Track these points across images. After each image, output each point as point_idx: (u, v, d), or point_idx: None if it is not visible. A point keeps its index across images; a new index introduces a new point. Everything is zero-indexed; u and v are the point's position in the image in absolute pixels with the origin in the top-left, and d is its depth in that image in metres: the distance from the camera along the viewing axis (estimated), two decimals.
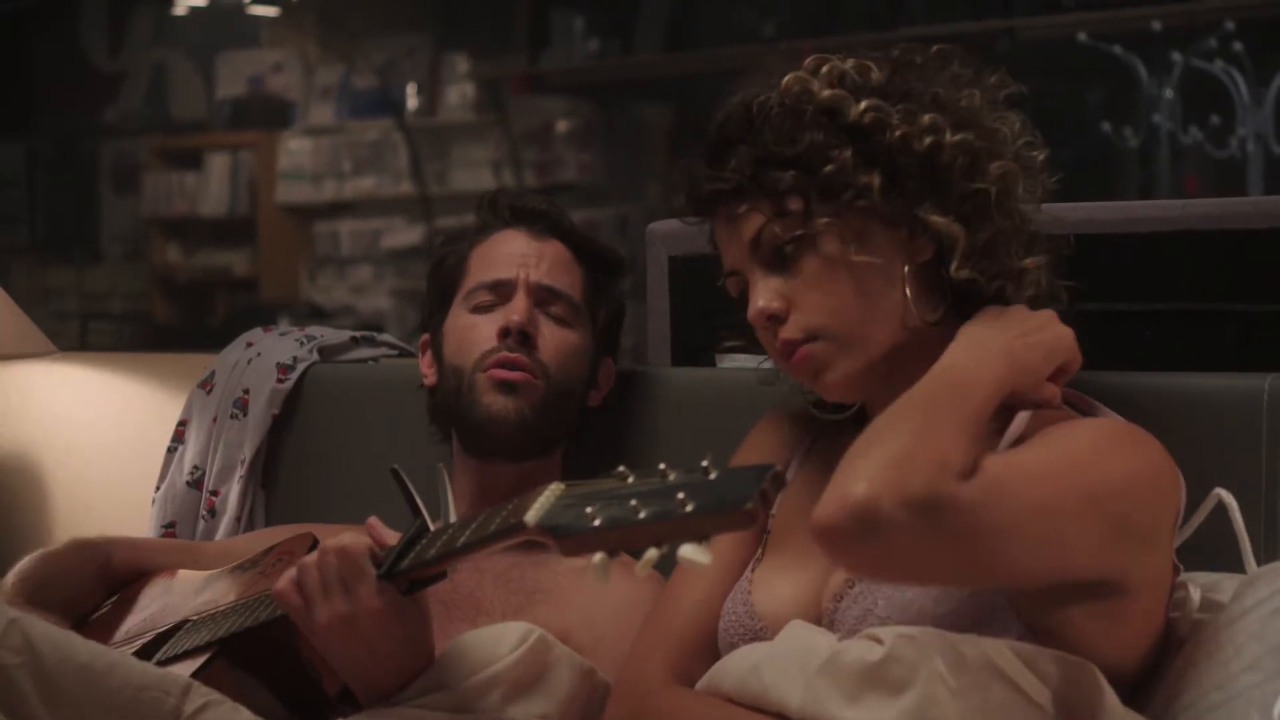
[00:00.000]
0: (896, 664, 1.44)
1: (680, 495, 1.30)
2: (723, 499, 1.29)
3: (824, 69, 1.62)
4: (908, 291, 1.59)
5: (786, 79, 1.61)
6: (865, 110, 1.58)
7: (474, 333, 2.01)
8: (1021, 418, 1.57)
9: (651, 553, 1.30)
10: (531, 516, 1.39)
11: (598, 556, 1.32)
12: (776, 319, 1.60)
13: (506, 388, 1.98)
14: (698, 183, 1.65)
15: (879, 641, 1.45)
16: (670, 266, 2.24)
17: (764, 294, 1.60)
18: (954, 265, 1.58)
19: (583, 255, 2.07)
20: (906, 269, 1.59)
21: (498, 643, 1.69)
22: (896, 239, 1.59)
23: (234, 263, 6.81)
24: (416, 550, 1.63)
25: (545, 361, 2.00)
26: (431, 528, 1.65)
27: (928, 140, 1.58)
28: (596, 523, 1.33)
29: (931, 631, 1.46)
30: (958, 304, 1.61)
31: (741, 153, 1.60)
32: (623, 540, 1.32)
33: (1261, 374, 1.72)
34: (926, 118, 1.58)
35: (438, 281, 2.10)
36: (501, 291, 2.03)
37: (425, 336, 2.12)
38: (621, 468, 1.37)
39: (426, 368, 2.10)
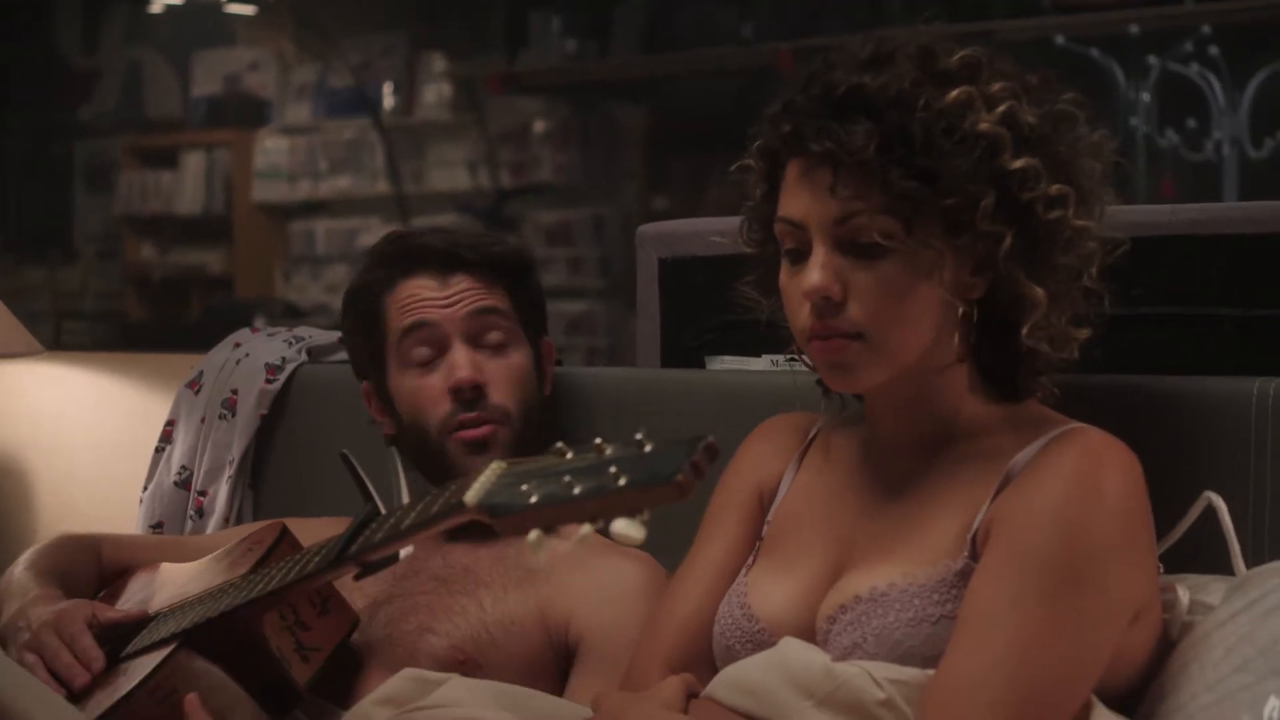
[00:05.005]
0: (892, 711, 1.50)
1: (613, 470, 1.31)
2: (655, 473, 1.29)
3: (996, 103, 1.55)
4: (957, 327, 1.58)
5: (956, 93, 1.53)
6: (1021, 164, 1.53)
7: (422, 394, 2.02)
8: (1033, 447, 1.58)
9: (586, 528, 1.31)
10: (471, 496, 1.41)
11: (533, 533, 1.33)
12: (828, 301, 1.56)
13: (476, 446, 2.00)
14: (805, 130, 1.56)
15: (879, 685, 1.50)
16: (660, 269, 2.24)
17: (828, 274, 1.55)
18: (1025, 329, 1.57)
19: (495, 273, 2.07)
20: (961, 310, 1.58)
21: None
22: (964, 274, 1.58)
23: (209, 261, 6.79)
24: (365, 534, 1.65)
25: (501, 404, 2.02)
26: (382, 512, 1.67)
27: (1054, 213, 1.55)
28: (533, 500, 1.34)
29: (925, 677, 1.50)
30: (977, 344, 1.61)
31: (867, 129, 1.53)
32: (558, 516, 1.33)
33: (1249, 378, 1.74)
34: (1056, 188, 1.55)
35: (361, 334, 2.10)
36: (427, 335, 2.02)
37: (366, 385, 2.12)
38: (559, 444, 1.39)
39: (379, 416, 2.11)
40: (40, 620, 1.84)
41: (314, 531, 1.95)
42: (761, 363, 2.13)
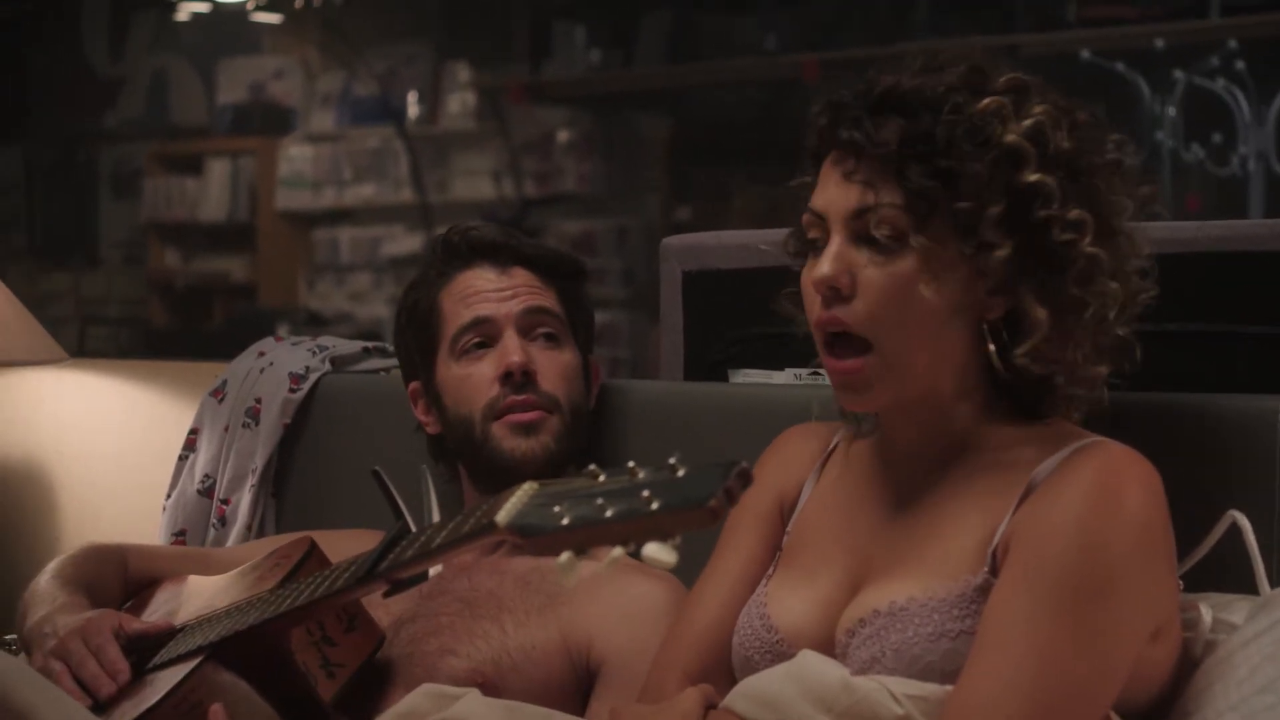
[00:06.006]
0: None
1: (645, 493, 1.31)
2: (687, 497, 1.29)
3: (1024, 117, 1.56)
4: (990, 346, 1.58)
5: (988, 100, 1.55)
6: (1038, 179, 1.54)
7: (471, 381, 2.04)
8: (1053, 460, 1.57)
9: (617, 551, 1.31)
10: (503, 517, 1.41)
11: (564, 555, 1.33)
12: (836, 294, 1.57)
13: (526, 429, 2.01)
14: (838, 122, 1.59)
15: (897, 700, 1.50)
16: (684, 281, 2.24)
17: (838, 263, 1.57)
18: (1023, 349, 1.56)
19: (549, 273, 2.10)
20: (986, 328, 1.58)
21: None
22: (977, 290, 1.57)
23: (232, 269, 6.81)
24: (396, 552, 1.64)
25: (551, 392, 2.03)
26: (413, 529, 1.67)
27: (1067, 236, 1.54)
28: (564, 521, 1.34)
29: (943, 693, 1.50)
30: (1009, 373, 1.60)
31: (897, 126, 1.55)
32: (590, 539, 1.33)
33: (1275, 396, 1.73)
34: (1075, 213, 1.54)
35: (413, 330, 2.12)
36: (484, 329, 2.05)
37: (414, 385, 2.14)
38: (593, 466, 1.39)
39: (424, 415, 2.13)
40: (67, 628, 1.85)
41: (337, 544, 1.95)
42: (785, 376, 2.12)
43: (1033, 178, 1.54)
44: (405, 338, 2.13)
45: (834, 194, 1.58)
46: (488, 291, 2.06)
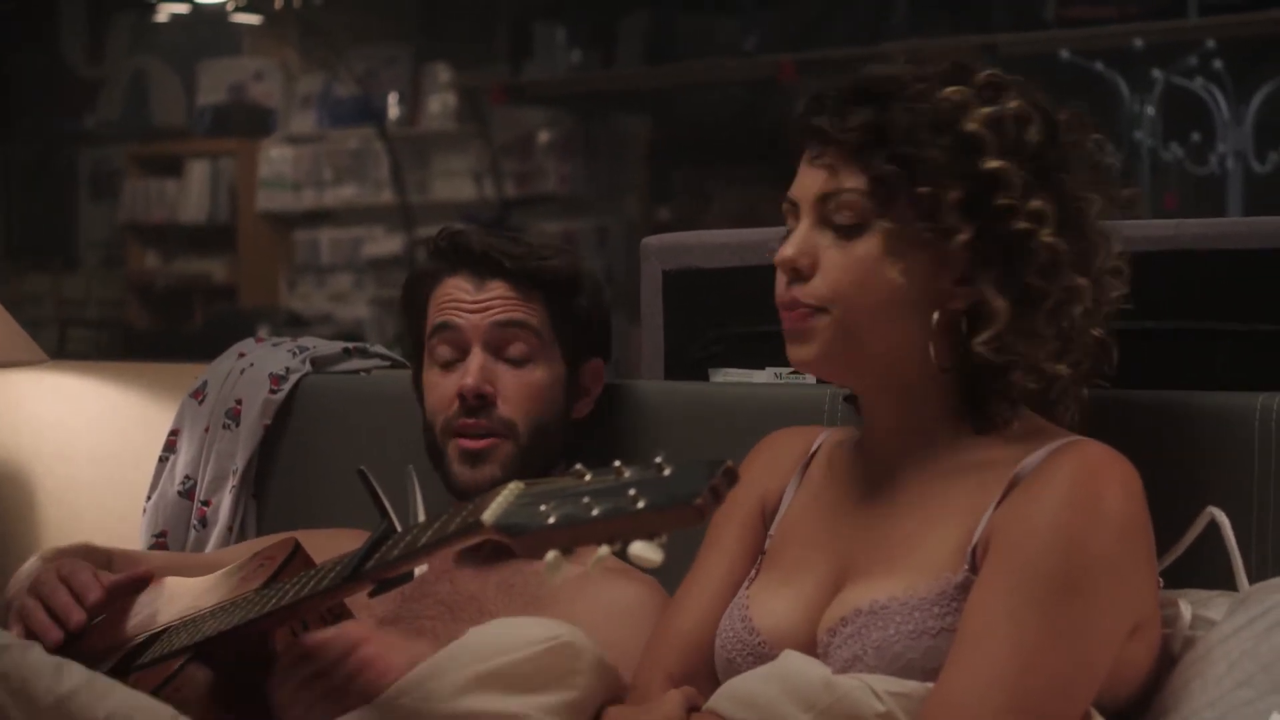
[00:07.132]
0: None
1: (632, 492, 1.31)
2: (673, 496, 1.30)
3: (986, 106, 1.57)
4: (932, 335, 1.58)
5: (950, 89, 1.57)
6: (995, 166, 1.55)
7: (437, 392, 2.04)
8: (1033, 459, 1.57)
9: (603, 550, 1.31)
10: (489, 516, 1.41)
11: (551, 555, 1.33)
12: (797, 274, 1.60)
13: (474, 458, 2.00)
14: (813, 111, 1.62)
15: (879, 698, 1.50)
16: (664, 280, 2.25)
17: (799, 245, 1.60)
18: (981, 338, 1.57)
19: (534, 284, 2.05)
20: (936, 317, 1.58)
21: (515, 636, 1.68)
22: (943, 279, 1.58)
23: (213, 270, 6.81)
24: (382, 551, 1.64)
25: (509, 417, 2.01)
26: (399, 529, 1.66)
27: (1022, 225, 1.55)
28: (551, 520, 1.34)
29: (925, 690, 1.51)
30: (971, 366, 1.60)
31: (866, 114, 1.58)
32: (576, 538, 1.33)
33: (1253, 393, 1.74)
34: (1036, 203, 1.56)
35: (409, 321, 2.12)
36: (449, 337, 2.04)
37: (414, 374, 2.15)
38: (579, 465, 1.39)
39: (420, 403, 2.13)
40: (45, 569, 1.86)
41: (321, 543, 1.95)
42: (765, 375, 2.13)
43: (991, 165, 1.56)
44: (407, 326, 2.14)
45: (804, 180, 1.62)
46: (464, 302, 2.05)
